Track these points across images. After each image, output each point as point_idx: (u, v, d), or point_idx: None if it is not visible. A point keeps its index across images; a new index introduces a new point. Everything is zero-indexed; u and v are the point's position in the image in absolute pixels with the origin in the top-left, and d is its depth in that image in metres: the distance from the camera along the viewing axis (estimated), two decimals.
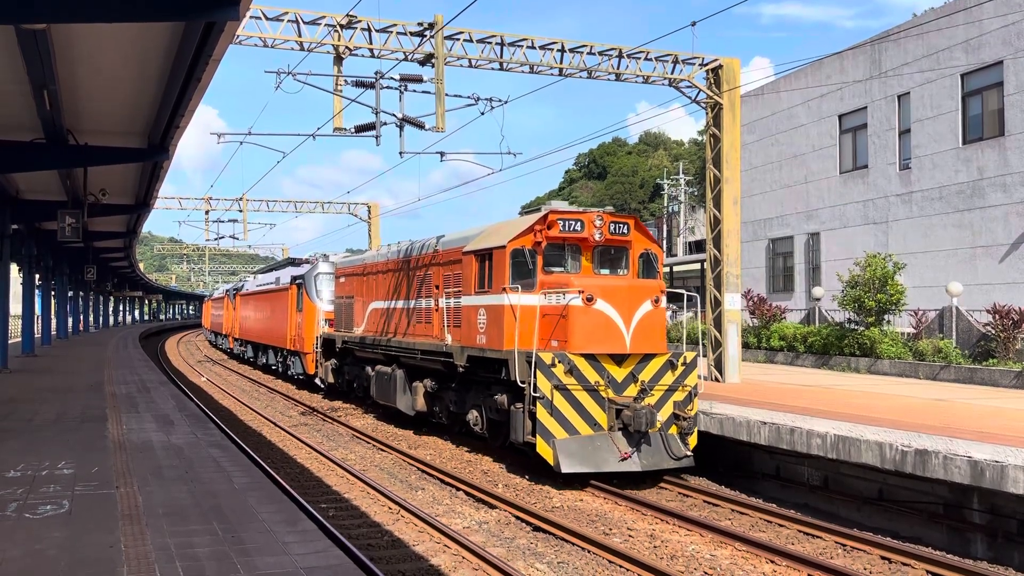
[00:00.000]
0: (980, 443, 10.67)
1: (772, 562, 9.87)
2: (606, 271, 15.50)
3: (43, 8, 10.59)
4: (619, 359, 14.04)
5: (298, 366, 30.05)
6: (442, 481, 14.31)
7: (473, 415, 16.43)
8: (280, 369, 33.90)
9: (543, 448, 13.50)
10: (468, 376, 16.20)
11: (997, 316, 21.54)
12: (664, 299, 14.61)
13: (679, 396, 14.42)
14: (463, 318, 16.21)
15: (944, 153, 27.57)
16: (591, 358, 13.80)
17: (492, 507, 12.48)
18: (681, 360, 14.51)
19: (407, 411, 19.43)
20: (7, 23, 11.00)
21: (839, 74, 32.13)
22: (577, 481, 13.77)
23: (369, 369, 22.15)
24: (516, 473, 14.86)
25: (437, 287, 18.03)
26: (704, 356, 19.22)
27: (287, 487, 12.53)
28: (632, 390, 14.04)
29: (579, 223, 14.89)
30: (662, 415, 14.02)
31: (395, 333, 20.31)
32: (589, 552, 10.21)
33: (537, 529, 11.25)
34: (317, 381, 27.68)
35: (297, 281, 30.42)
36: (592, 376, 13.78)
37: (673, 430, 14.21)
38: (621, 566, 9.66)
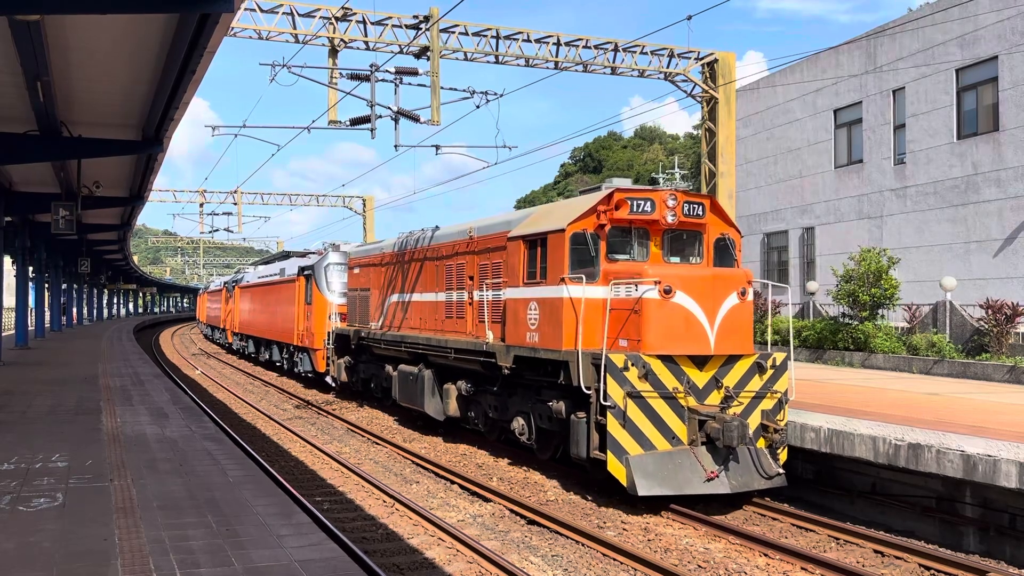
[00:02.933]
0: (973, 437, 10.71)
1: (765, 555, 9.91)
2: (676, 259, 13.54)
3: None
4: (701, 361, 12.15)
5: (307, 363, 28.18)
6: (437, 475, 14.32)
7: (518, 423, 14.56)
8: (286, 366, 31.96)
9: (615, 466, 11.60)
10: (513, 379, 14.43)
11: (990, 311, 21.61)
12: (751, 291, 12.73)
13: (767, 404, 12.49)
14: (508, 313, 14.39)
15: (939, 148, 27.62)
16: (668, 360, 11.96)
17: (487, 500, 12.50)
18: (770, 362, 12.58)
19: (436, 416, 17.60)
20: (1, 14, 10.95)
21: (834, 69, 32.15)
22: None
23: (390, 368, 20.29)
24: (515, 466, 14.88)
25: (471, 278, 16.31)
26: None
27: (282, 480, 12.53)
28: (715, 397, 12.15)
29: (649, 203, 12.90)
30: (750, 426, 12.15)
31: (420, 329, 18.58)
32: (583, 545, 10.23)
33: (531, 523, 11.28)
34: (328, 379, 25.81)
35: (306, 272, 28.42)
36: (670, 381, 11.91)
37: (760, 443, 12.28)
38: (615, 559, 9.69)
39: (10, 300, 41.02)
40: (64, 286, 50.81)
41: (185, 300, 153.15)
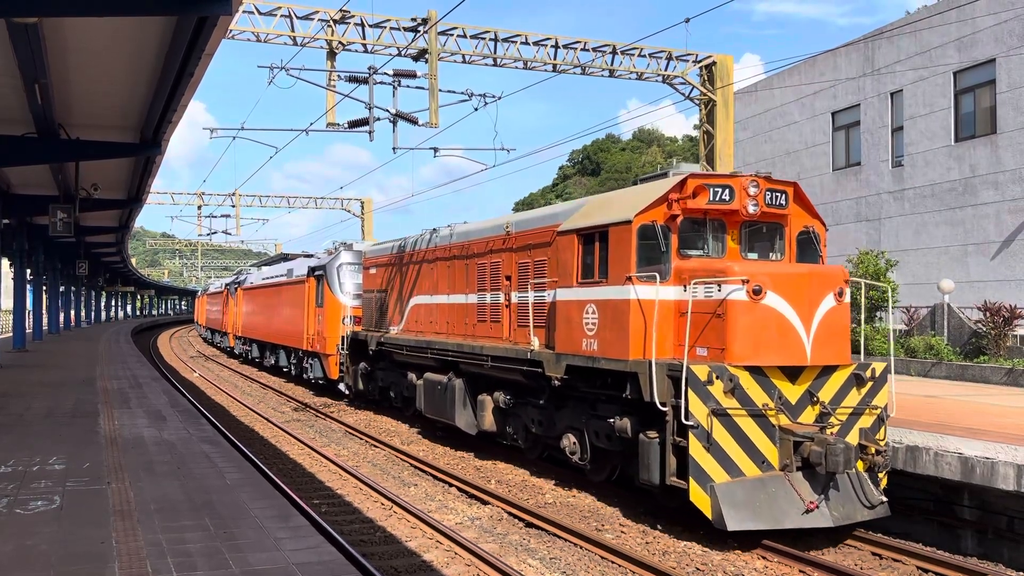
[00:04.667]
0: (970, 440, 10.71)
1: (763, 558, 9.90)
2: (754, 255, 12.02)
3: (35, 2, 10.56)
4: (794, 373, 10.63)
5: (317, 369, 26.50)
6: (435, 477, 14.31)
7: (569, 440, 13.09)
8: (294, 372, 30.27)
9: (698, 496, 10.09)
10: (563, 391, 13.00)
11: (988, 313, 21.64)
12: (848, 292, 11.16)
13: (866, 421, 10.94)
14: (558, 317, 12.80)
15: (936, 150, 27.65)
16: (757, 372, 10.44)
17: (485, 503, 12.49)
18: (869, 372, 11.06)
19: (467, 430, 16.11)
20: None
21: (832, 71, 32.19)
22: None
23: (413, 376, 18.65)
24: (509, 470, 14.86)
25: (508, 278, 14.89)
26: None
27: (279, 483, 12.52)
28: (809, 414, 10.67)
29: (728, 191, 11.37)
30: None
31: (447, 334, 17.13)
32: (581, 548, 10.22)
33: (530, 525, 11.26)
34: (342, 387, 24.27)
35: (317, 273, 26.72)
36: (760, 397, 10.40)
37: (859, 466, 10.73)
38: (613, 562, 9.68)
39: (8, 303, 41.02)
40: (62, 288, 50.77)
41: (183, 302, 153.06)
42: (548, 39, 26.58)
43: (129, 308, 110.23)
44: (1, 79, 14.57)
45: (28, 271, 36.16)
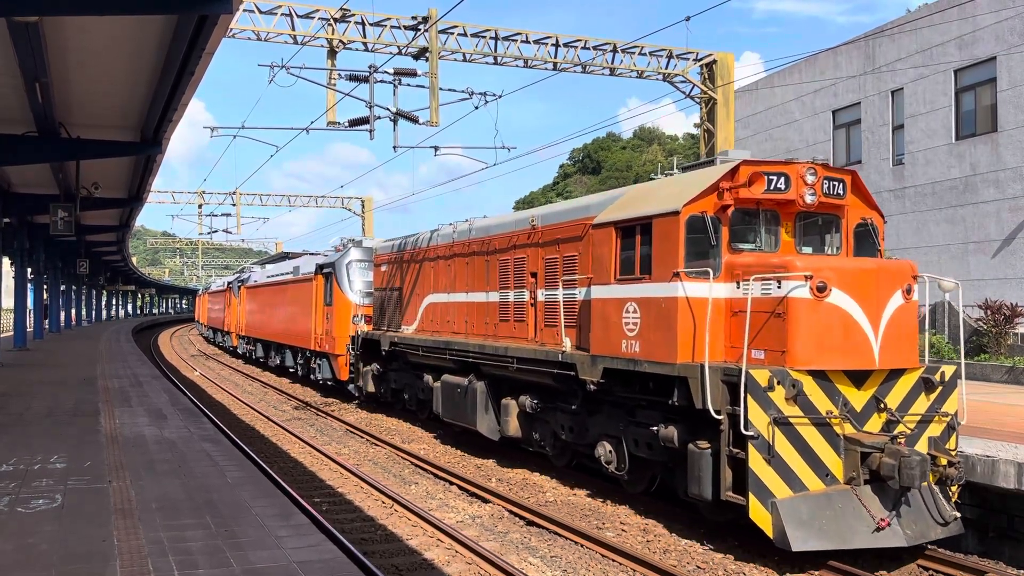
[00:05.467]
0: (971, 438, 10.71)
1: (764, 556, 9.90)
2: (808, 249, 11.22)
3: (36, 1, 10.57)
4: (860, 378, 9.84)
5: (326, 370, 25.69)
6: (436, 476, 14.31)
7: (604, 449, 12.25)
8: (300, 372, 29.39)
9: (758, 513, 9.28)
10: (598, 395, 12.17)
11: (989, 311, 21.64)
12: (916, 288, 10.38)
13: (935, 429, 10.13)
14: (593, 316, 11.94)
15: (937, 149, 27.65)
16: (820, 377, 9.63)
17: (486, 501, 12.49)
18: (938, 376, 10.25)
19: (489, 435, 15.32)
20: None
21: (833, 69, 32.17)
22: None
23: (430, 378, 17.76)
24: (510, 468, 14.87)
25: (533, 275, 14.12)
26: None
27: (280, 481, 12.52)
28: (875, 422, 9.88)
29: (783, 179, 10.49)
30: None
31: (466, 334, 16.36)
32: (582, 546, 10.23)
33: (530, 523, 11.27)
34: (352, 389, 23.42)
35: (325, 271, 25.81)
36: (823, 404, 9.58)
37: (930, 479, 9.79)
38: (614, 560, 9.68)
39: (9, 302, 41.03)
40: (63, 287, 50.79)
41: (184, 301, 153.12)
42: (548, 37, 26.58)
43: (130, 307, 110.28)
44: (2, 78, 14.57)
45: (29, 270, 36.18)
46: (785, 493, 9.33)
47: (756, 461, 9.30)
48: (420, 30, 24.05)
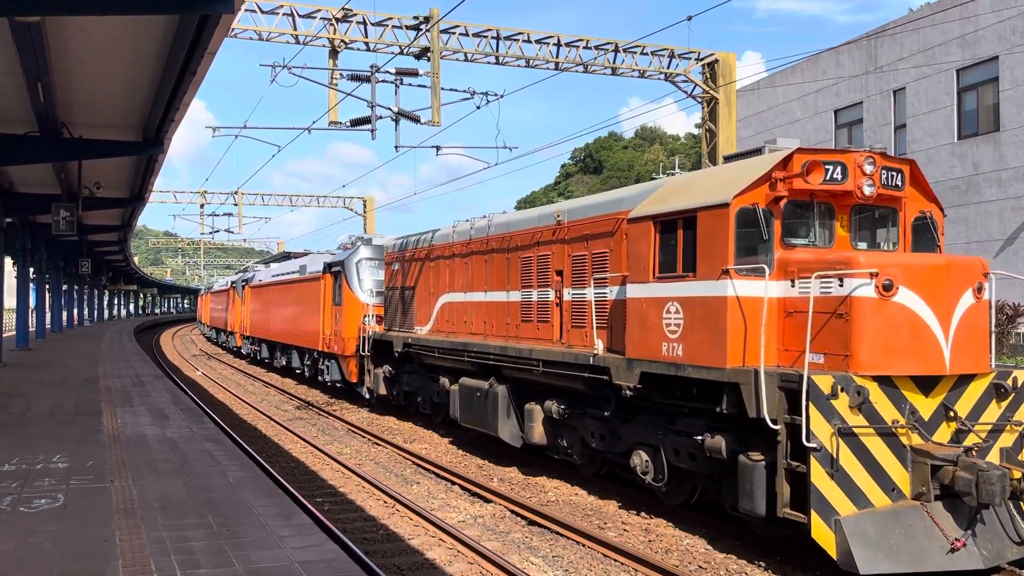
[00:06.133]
0: None
1: (767, 556, 9.89)
2: (863, 244, 10.51)
3: (38, 1, 10.57)
4: (927, 383, 9.11)
5: (335, 372, 24.91)
6: (437, 475, 14.31)
7: (640, 459, 11.46)
8: (308, 374, 28.73)
9: (821, 532, 8.52)
10: (633, 401, 11.39)
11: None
12: (988, 286, 9.67)
13: (1007, 440, 9.40)
14: (629, 317, 11.17)
15: (939, 148, 27.63)
16: (885, 383, 8.93)
17: (487, 501, 12.49)
18: (1010, 381, 9.50)
19: (511, 442, 14.54)
20: (1, 15, 10.97)
21: (835, 69, 32.16)
22: None
23: (446, 381, 17.04)
24: (511, 467, 14.86)
25: (559, 273, 13.46)
26: None
27: (282, 481, 12.53)
28: (944, 432, 9.13)
29: (840, 168, 9.79)
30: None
31: (485, 335, 15.72)
32: (584, 546, 10.22)
33: (532, 523, 11.26)
34: (363, 391, 22.57)
35: (334, 269, 25.08)
36: (889, 412, 8.88)
37: None
38: (616, 560, 9.68)
39: (11, 301, 41.07)
40: (65, 287, 50.85)
41: (186, 301, 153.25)
42: (550, 37, 26.58)
43: (131, 307, 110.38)
44: (4, 78, 14.58)
45: (31, 270, 36.22)
46: (849, 510, 8.58)
47: (819, 475, 8.55)
48: (422, 30, 24.06)
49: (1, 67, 14.00)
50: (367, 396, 22.27)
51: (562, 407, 13.16)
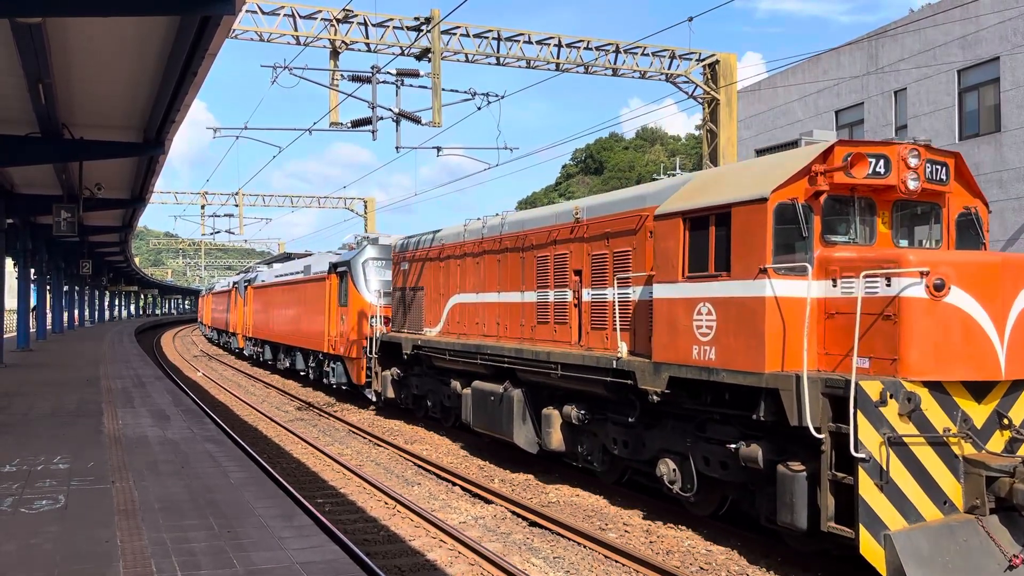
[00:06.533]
0: None
1: (767, 556, 9.89)
2: (905, 242, 9.96)
3: (39, 2, 10.58)
4: (980, 390, 8.63)
5: (340, 374, 24.52)
6: (438, 476, 14.31)
7: (667, 467, 10.97)
8: (312, 376, 28.23)
9: (870, 548, 8.05)
10: (659, 407, 10.90)
11: None
12: None
13: None
14: (656, 319, 10.63)
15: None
16: (935, 388, 8.45)
17: (488, 502, 12.49)
18: None
19: (527, 448, 14.14)
20: (3, 16, 10.97)
21: (836, 70, 32.16)
22: None
23: (458, 384, 16.71)
24: (512, 469, 14.86)
25: (577, 273, 13.02)
26: None
27: (283, 482, 12.53)
28: (997, 441, 8.66)
29: (883, 161, 9.32)
30: None
31: (498, 337, 15.29)
32: (585, 547, 10.22)
33: (533, 524, 11.26)
34: (369, 394, 22.06)
35: (339, 269, 24.62)
36: (940, 420, 8.41)
37: None
38: (617, 561, 9.68)
39: (12, 302, 41.08)
40: (65, 288, 50.85)
41: (187, 302, 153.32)
42: (551, 38, 26.57)
43: (132, 308, 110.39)
44: (5, 79, 14.59)
45: (32, 271, 36.24)
46: (900, 524, 8.09)
47: (867, 487, 8.05)
48: (422, 31, 24.05)
49: (2, 68, 14.00)
50: (374, 399, 21.86)
51: (582, 412, 12.71)
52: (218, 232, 54.69)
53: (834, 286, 9.04)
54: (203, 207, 53.00)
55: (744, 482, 9.86)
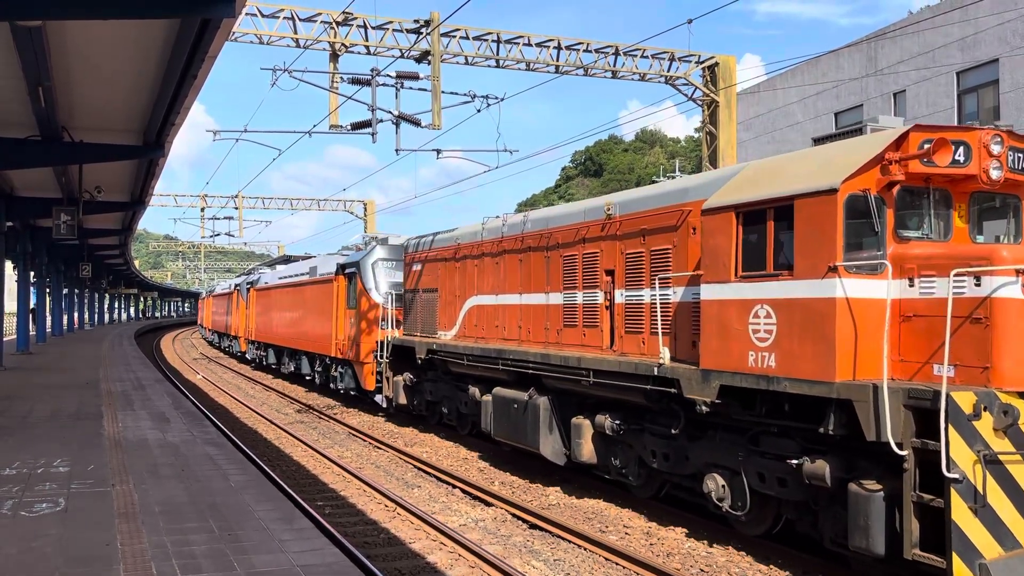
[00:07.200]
0: None
1: (767, 559, 9.88)
2: (981, 238, 9.16)
3: (39, 5, 10.59)
4: None
5: (349, 379, 23.76)
6: (439, 479, 14.30)
7: (715, 483, 10.14)
8: (318, 380, 27.55)
9: None
10: (705, 417, 10.02)
11: None
12: None
13: None
14: (704, 322, 9.80)
15: None
16: None
17: (488, 505, 12.48)
18: None
19: (554, 459, 13.32)
20: (2, 19, 10.98)
21: (835, 71, 32.19)
22: None
23: (476, 391, 15.95)
24: (512, 471, 14.85)
25: (609, 273, 12.26)
26: None
27: (283, 485, 12.52)
28: None
29: (962, 149, 8.47)
30: None
31: (520, 341, 14.59)
32: (585, 550, 10.22)
33: (533, 527, 11.26)
34: (379, 400, 21.32)
35: (348, 271, 23.92)
36: None
37: None
38: (618, 563, 9.67)
39: (11, 305, 41.07)
40: (65, 291, 50.84)
41: (186, 304, 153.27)
42: (550, 40, 26.59)
43: (132, 310, 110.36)
44: (5, 82, 14.59)
45: (31, 273, 36.23)
46: (995, 552, 7.32)
47: (960, 511, 7.24)
48: (422, 33, 24.07)
49: (2, 71, 14.01)
50: (384, 405, 21.15)
51: (616, 422, 11.89)
52: (218, 235, 54.64)
53: (911, 286, 8.27)
54: (203, 210, 52.98)
55: (805, 500, 9.13)
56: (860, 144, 8.88)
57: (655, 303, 10.88)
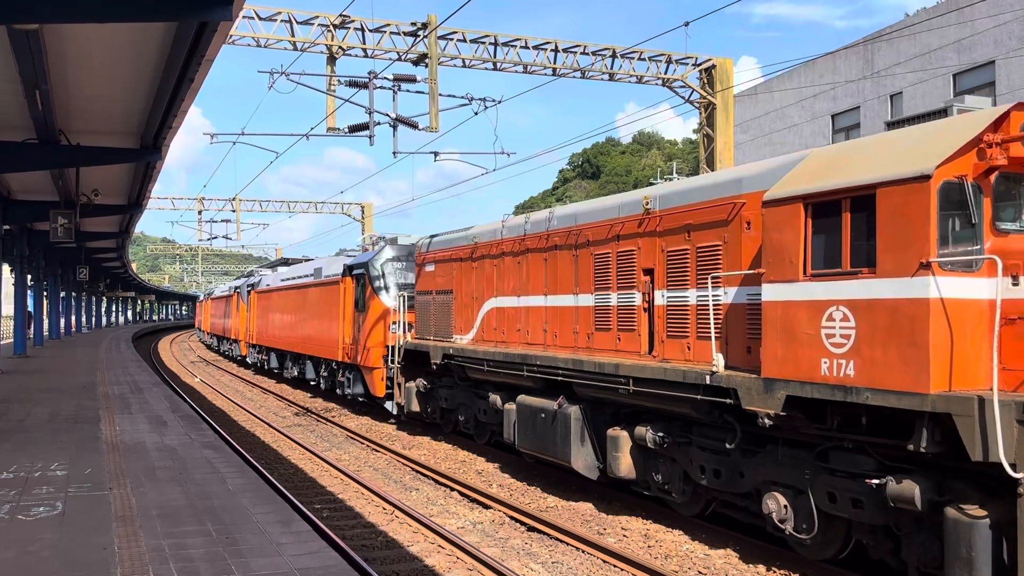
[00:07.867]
0: None
1: (766, 560, 9.88)
2: None
3: (36, 8, 10.59)
4: None
5: (357, 385, 22.69)
6: (436, 482, 14.30)
7: (777, 503, 9.20)
8: (324, 386, 26.66)
9: None
10: (764, 431, 9.10)
11: None
12: None
13: None
14: (767, 326, 8.85)
15: None
16: None
17: (486, 507, 12.48)
18: None
19: (587, 473, 12.35)
20: (0, 23, 10.99)
21: (832, 74, 32.25)
22: None
23: (497, 399, 15.07)
24: (511, 474, 14.85)
25: (647, 272, 11.32)
26: None
27: (281, 488, 12.51)
28: None
29: None
30: None
31: (545, 345, 13.68)
32: (583, 552, 10.22)
33: (531, 529, 11.26)
34: (390, 406, 20.34)
35: (356, 272, 23.00)
36: None
37: None
38: (615, 566, 9.67)
39: (8, 308, 41.02)
40: (62, 294, 50.79)
41: (184, 307, 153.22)
42: (548, 43, 26.63)
43: (129, 313, 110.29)
44: (2, 85, 14.59)
45: (28, 277, 36.20)
46: None
47: None
48: (419, 36, 24.10)
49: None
50: (395, 412, 20.09)
51: (659, 435, 10.92)
52: (215, 238, 54.58)
53: (1015, 284, 7.43)
54: (200, 212, 52.96)
55: (885, 524, 8.20)
56: (954, 125, 7.92)
57: (704, 305, 10.05)
